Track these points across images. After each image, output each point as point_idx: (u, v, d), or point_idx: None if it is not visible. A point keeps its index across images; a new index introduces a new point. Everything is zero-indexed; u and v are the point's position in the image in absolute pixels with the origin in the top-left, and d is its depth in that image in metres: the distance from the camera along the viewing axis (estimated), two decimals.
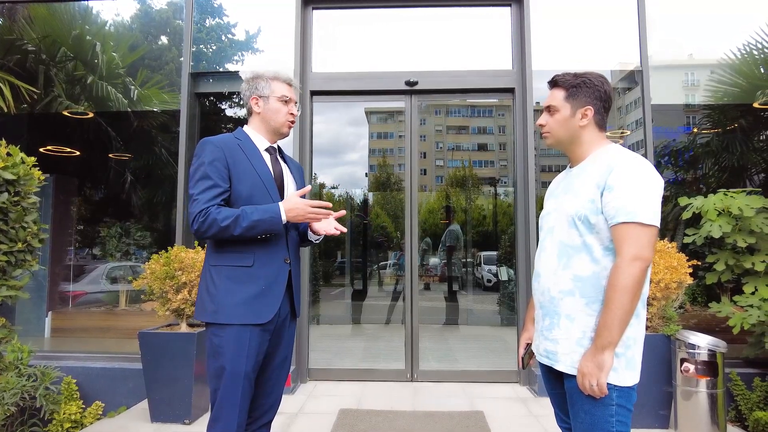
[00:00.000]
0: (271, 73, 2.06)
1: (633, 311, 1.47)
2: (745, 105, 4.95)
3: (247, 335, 1.86)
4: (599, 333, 1.47)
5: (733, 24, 4.56)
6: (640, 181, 1.49)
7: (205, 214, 1.83)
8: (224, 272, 1.91)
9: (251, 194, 1.93)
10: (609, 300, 1.47)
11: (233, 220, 1.82)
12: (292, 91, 2.10)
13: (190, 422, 3.35)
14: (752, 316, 3.27)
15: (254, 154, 2.00)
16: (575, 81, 1.66)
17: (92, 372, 3.92)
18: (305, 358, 4.42)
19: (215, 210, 1.84)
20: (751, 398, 3.37)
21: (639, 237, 1.45)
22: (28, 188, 2.92)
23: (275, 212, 1.87)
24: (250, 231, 1.84)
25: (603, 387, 1.46)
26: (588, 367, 1.48)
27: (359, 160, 8.04)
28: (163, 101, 5.14)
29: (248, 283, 1.89)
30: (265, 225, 1.85)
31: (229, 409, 1.84)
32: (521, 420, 3.49)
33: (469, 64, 4.64)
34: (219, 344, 1.86)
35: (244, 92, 2.08)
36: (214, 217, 1.82)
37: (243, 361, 1.85)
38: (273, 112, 2.05)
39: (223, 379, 1.84)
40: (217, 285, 1.90)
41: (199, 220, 1.83)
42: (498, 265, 7.28)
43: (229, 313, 1.86)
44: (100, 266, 5.89)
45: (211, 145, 1.93)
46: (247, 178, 1.94)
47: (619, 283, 1.45)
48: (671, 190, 5.16)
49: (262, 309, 1.90)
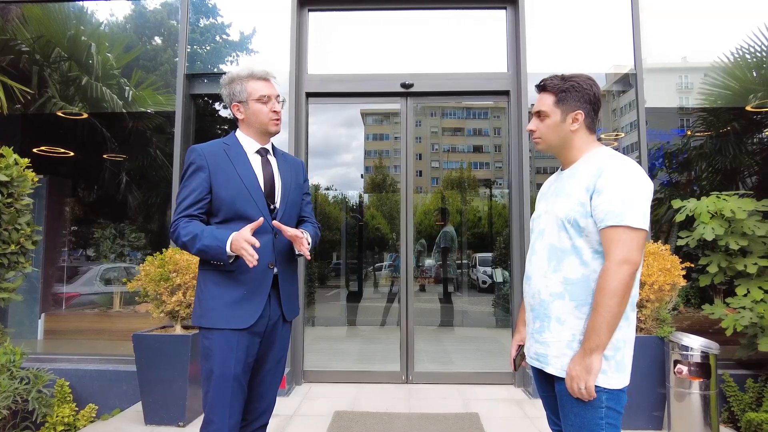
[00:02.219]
0: (245, 73, 2.02)
1: (621, 314, 1.47)
2: (737, 108, 4.98)
3: (235, 339, 1.87)
4: (587, 336, 1.48)
5: (726, 28, 4.59)
6: (629, 185, 1.50)
7: (175, 225, 1.90)
8: (209, 276, 1.94)
9: (234, 200, 1.93)
10: (597, 303, 1.47)
11: (191, 239, 1.86)
12: (270, 86, 2.04)
13: (185, 425, 3.34)
14: (744, 318, 3.29)
15: (240, 159, 1.99)
16: (564, 85, 1.65)
17: (85, 374, 3.90)
18: (300, 360, 4.42)
19: (183, 223, 1.88)
20: (743, 399, 3.39)
21: (627, 240, 1.46)
22: (22, 190, 2.90)
23: (223, 242, 1.83)
24: (202, 254, 1.88)
25: (591, 390, 1.47)
26: (576, 371, 1.49)
27: (355, 162, 8.03)
28: (158, 102, 5.12)
29: (232, 287, 1.90)
30: (212, 252, 1.85)
31: (220, 411, 1.85)
32: (516, 422, 3.50)
33: (464, 67, 4.66)
34: (209, 347, 1.88)
35: (225, 99, 2.07)
36: (179, 231, 1.88)
37: (231, 364, 1.85)
38: (254, 115, 2.02)
39: (212, 381, 1.86)
40: (202, 289, 1.94)
41: (171, 230, 1.92)
42: (493, 266, 7.29)
43: (213, 317, 1.89)
44: (94, 268, 5.85)
45: (194, 153, 1.96)
46: (230, 184, 1.94)
47: (608, 286, 1.45)
48: (665, 192, 5.18)
49: (243, 314, 1.89)
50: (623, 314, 1.49)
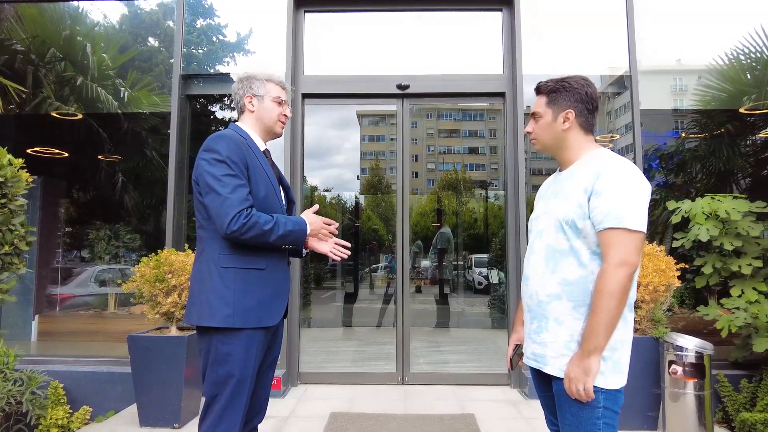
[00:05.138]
0: (265, 75, 2.07)
1: (620, 316, 1.48)
2: (731, 110, 5.02)
3: (256, 339, 1.86)
4: (586, 338, 1.48)
5: (720, 30, 4.62)
6: (628, 187, 1.50)
7: (248, 215, 1.77)
8: (239, 275, 1.85)
9: (266, 196, 1.92)
10: (595, 305, 1.47)
11: (273, 225, 1.81)
12: (285, 94, 2.11)
13: (180, 426, 3.33)
14: (738, 318, 3.31)
15: (261, 157, 1.99)
16: (555, 86, 1.68)
17: (80, 376, 3.88)
18: (296, 362, 4.41)
19: (255, 212, 1.80)
20: (738, 399, 3.41)
21: (626, 242, 1.46)
22: (16, 190, 2.89)
23: (303, 225, 1.91)
24: (281, 239, 1.85)
25: (590, 391, 1.47)
26: (575, 372, 1.49)
27: (351, 163, 8.04)
28: (154, 103, 5.10)
29: (261, 286, 1.89)
30: (294, 236, 1.88)
31: (233, 414, 1.82)
32: (512, 422, 3.50)
33: (460, 68, 4.66)
34: (229, 351, 1.81)
35: (236, 91, 2.06)
36: (256, 220, 1.78)
37: (251, 366, 1.85)
38: (267, 111, 2.05)
39: (229, 385, 1.81)
40: (231, 288, 1.83)
41: (241, 221, 1.75)
42: (489, 268, 7.31)
43: (244, 317, 1.82)
44: (89, 269, 5.83)
45: (231, 141, 1.86)
46: (261, 180, 1.92)
47: (606, 288, 1.45)
48: (660, 193, 5.21)
49: (273, 312, 1.91)
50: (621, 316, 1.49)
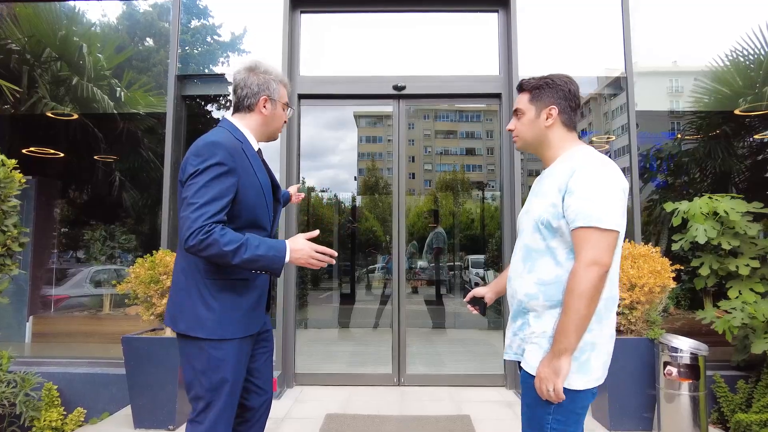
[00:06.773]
0: (279, 77, 1.97)
1: (590, 317, 1.45)
2: (727, 112, 5.03)
3: (247, 345, 1.86)
4: (556, 338, 1.47)
5: (716, 32, 4.64)
6: (601, 185, 1.47)
7: (208, 232, 1.62)
8: (227, 285, 1.79)
9: (255, 207, 1.82)
10: (566, 305, 1.46)
11: (236, 247, 1.64)
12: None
13: (174, 428, 3.31)
14: (736, 319, 3.30)
15: (255, 161, 1.88)
16: (538, 83, 1.67)
17: (74, 377, 3.85)
18: (292, 363, 4.39)
19: (219, 230, 1.63)
20: (733, 400, 3.41)
21: (597, 242, 1.44)
22: (8, 191, 2.87)
23: (281, 252, 1.73)
24: (248, 264, 1.68)
25: (559, 392, 1.46)
26: (545, 372, 1.48)
27: (348, 164, 8.02)
28: (150, 103, 5.08)
29: (246, 295, 1.84)
30: (265, 262, 1.69)
31: (228, 419, 1.81)
32: (507, 423, 3.50)
33: (456, 70, 4.67)
34: (221, 357, 1.76)
35: (251, 86, 1.90)
36: (216, 239, 1.62)
37: (242, 370, 1.85)
38: (278, 118, 1.98)
39: (223, 391, 1.77)
40: (218, 299, 1.78)
41: (199, 237, 1.61)
42: (485, 268, 7.31)
43: (233, 328, 1.78)
44: (84, 270, 5.79)
45: (222, 151, 1.72)
46: (252, 187, 1.81)
47: (576, 288, 1.43)
48: (658, 194, 5.22)
49: (257, 319, 1.90)
50: (594, 316, 1.47)
